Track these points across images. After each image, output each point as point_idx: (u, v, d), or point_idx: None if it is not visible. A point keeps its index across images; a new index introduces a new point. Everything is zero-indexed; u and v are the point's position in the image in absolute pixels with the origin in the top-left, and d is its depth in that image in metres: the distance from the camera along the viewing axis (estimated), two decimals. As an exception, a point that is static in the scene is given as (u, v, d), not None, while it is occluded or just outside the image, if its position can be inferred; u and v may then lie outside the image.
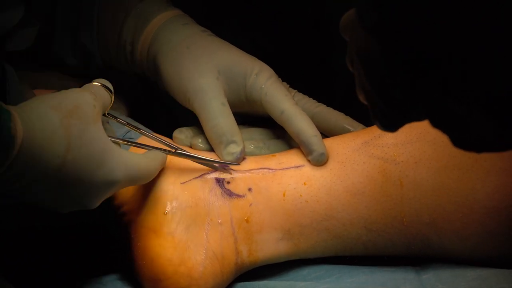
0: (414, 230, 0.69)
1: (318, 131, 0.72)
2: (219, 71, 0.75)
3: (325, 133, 0.76)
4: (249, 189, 0.71)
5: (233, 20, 0.93)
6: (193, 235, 0.70)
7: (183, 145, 0.76)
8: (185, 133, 0.77)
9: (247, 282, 0.72)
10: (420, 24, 0.41)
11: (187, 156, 0.71)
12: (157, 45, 0.79)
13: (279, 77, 0.76)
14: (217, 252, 0.70)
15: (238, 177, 0.72)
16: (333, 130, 0.76)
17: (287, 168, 0.72)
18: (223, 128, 0.73)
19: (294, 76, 0.80)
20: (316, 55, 0.90)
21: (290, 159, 0.73)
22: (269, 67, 0.76)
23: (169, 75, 0.77)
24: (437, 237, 0.68)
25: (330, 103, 0.79)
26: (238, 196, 0.71)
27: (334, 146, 0.72)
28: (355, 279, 0.70)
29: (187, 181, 0.71)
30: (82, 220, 0.72)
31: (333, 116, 0.77)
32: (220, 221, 0.70)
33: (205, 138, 0.75)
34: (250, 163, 0.73)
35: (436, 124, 0.45)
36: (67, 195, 0.60)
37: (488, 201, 0.66)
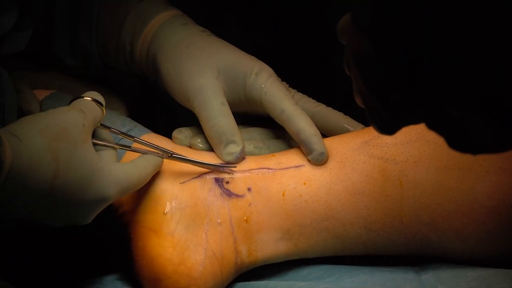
0: (413, 229, 0.69)
1: (318, 131, 0.72)
2: (218, 70, 0.75)
3: (324, 133, 0.75)
4: (249, 189, 0.71)
5: (233, 20, 0.93)
6: (192, 235, 0.70)
7: (182, 145, 0.76)
8: (184, 133, 0.77)
9: (247, 282, 0.72)
10: (415, 26, 0.41)
11: (183, 160, 0.71)
12: (156, 45, 0.78)
13: (278, 77, 0.76)
14: (217, 252, 0.70)
15: (238, 177, 0.72)
16: (333, 129, 0.76)
17: (287, 168, 0.72)
18: (223, 127, 0.73)
19: (294, 76, 0.80)
20: (316, 55, 0.90)
21: (290, 159, 0.73)
22: (268, 67, 0.76)
23: (168, 75, 0.77)
24: (437, 236, 0.68)
25: (329, 103, 0.79)
26: (237, 196, 0.71)
27: (334, 145, 0.72)
28: (355, 279, 0.70)
29: (186, 181, 0.71)
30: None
31: (332, 116, 0.77)
32: (219, 221, 0.70)
33: (204, 138, 0.75)
34: (250, 163, 0.73)
35: (432, 126, 0.45)
36: (58, 214, 0.61)
37: (488, 200, 0.66)
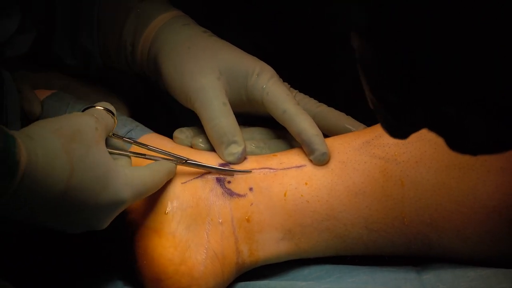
0: (414, 229, 0.69)
1: (320, 131, 0.72)
2: (220, 71, 0.75)
3: (326, 133, 0.75)
4: (250, 189, 0.71)
5: (233, 20, 0.93)
6: (193, 235, 0.70)
7: (183, 145, 0.76)
8: (185, 133, 0.77)
9: (248, 282, 0.72)
10: (414, 26, 0.41)
11: (198, 166, 0.71)
12: (158, 45, 0.79)
13: (280, 78, 0.76)
14: (218, 251, 0.70)
15: (239, 176, 0.72)
16: (334, 130, 0.76)
17: (288, 168, 0.72)
18: (224, 128, 0.73)
19: (294, 76, 0.80)
20: (316, 55, 0.90)
21: (291, 159, 0.73)
22: (270, 67, 0.76)
23: (170, 75, 0.77)
24: (438, 236, 0.68)
25: (330, 103, 0.79)
26: (239, 195, 0.71)
27: (336, 145, 0.72)
28: (356, 279, 0.70)
29: (187, 181, 0.72)
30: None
31: (334, 116, 0.77)
32: (221, 220, 0.70)
33: (205, 137, 0.75)
34: (252, 162, 0.73)
35: (432, 127, 0.45)
36: (73, 218, 0.60)
37: (489, 200, 0.66)
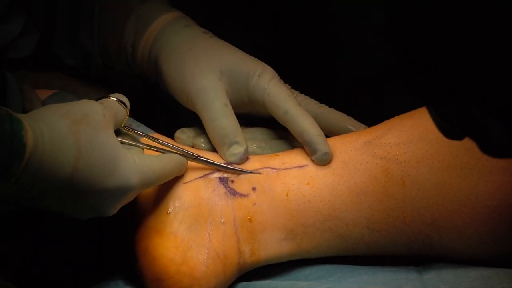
0: (416, 229, 0.69)
1: (321, 131, 0.72)
2: (221, 72, 0.75)
3: (327, 134, 0.75)
4: (253, 189, 0.71)
5: (233, 21, 0.93)
6: (195, 235, 0.70)
7: (185, 145, 0.76)
8: (187, 133, 0.77)
9: (249, 282, 0.72)
10: (427, 26, 0.41)
11: (208, 163, 0.72)
12: (158, 46, 0.79)
13: (281, 78, 0.76)
14: (220, 251, 0.70)
15: (243, 176, 0.72)
16: (335, 130, 0.76)
17: (291, 168, 0.72)
18: (226, 128, 0.73)
19: (294, 76, 0.80)
20: (316, 55, 0.90)
21: (293, 158, 0.73)
22: (271, 69, 0.76)
23: (171, 76, 0.77)
24: (439, 236, 0.69)
25: (330, 103, 0.79)
26: (242, 195, 0.71)
27: (337, 145, 0.72)
28: (357, 279, 0.70)
29: (190, 181, 0.72)
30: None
31: (335, 117, 0.77)
32: (223, 220, 0.70)
33: (207, 138, 0.75)
34: (254, 162, 0.73)
35: (464, 130, 0.45)
36: (80, 202, 0.60)
37: (490, 200, 0.66)
